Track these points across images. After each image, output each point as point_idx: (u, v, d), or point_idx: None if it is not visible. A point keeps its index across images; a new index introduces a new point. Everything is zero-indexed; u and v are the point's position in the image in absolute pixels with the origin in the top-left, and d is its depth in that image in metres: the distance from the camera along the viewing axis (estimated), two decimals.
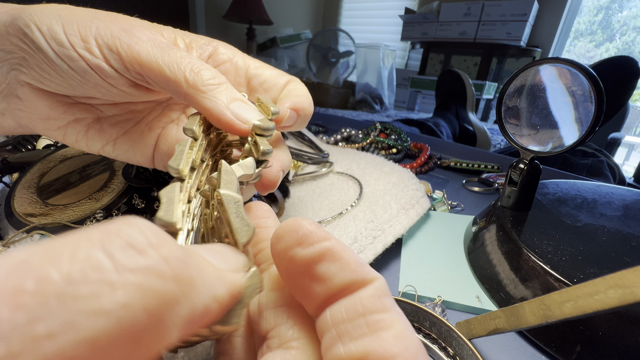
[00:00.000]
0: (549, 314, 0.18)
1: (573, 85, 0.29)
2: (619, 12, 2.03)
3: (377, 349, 0.09)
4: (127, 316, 0.06)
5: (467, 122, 1.07)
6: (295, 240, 0.10)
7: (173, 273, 0.07)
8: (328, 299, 0.10)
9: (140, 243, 0.06)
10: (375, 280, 0.10)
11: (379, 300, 0.10)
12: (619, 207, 0.34)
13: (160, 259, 0.07)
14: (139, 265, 0.06)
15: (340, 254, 0.10)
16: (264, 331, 0.11)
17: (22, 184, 0.29)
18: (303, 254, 0.10)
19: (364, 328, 0.09)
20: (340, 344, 0.09)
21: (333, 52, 2.06)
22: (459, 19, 1.65)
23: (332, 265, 0.10)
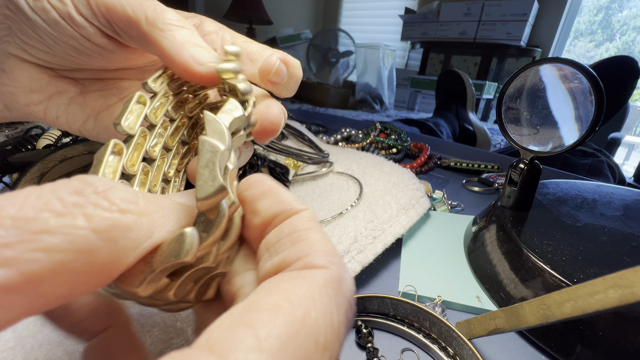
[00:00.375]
0: (549, 314, 0.18)
1: (573, 85, 0.29)
2: (619, 12, 2.03)
3: (292, 253, 0.10)
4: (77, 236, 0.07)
5: (467, 122, 1.07)
6: (246, 185, 0.12)
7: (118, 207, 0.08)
8: (263, 229, 0.11)
9: (85, 189, 0.08)
10: (304, 210, 0.11)
11: (304, 222, 0.11)
12: (619, 207, 0.34)
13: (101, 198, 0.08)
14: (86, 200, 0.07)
15: (276, 192, 0.12)
16: (231, 294, 0.12)
17: (22, 184, 0.29)
18: (248, 194, 0.12)
19: (287, 244, 0.10)
20: (268, 261, 0.10)
21: (333, 52, 2.06)
22: (459, 19, 1.65)
23: (267, 200, 0.11)
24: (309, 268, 0.09)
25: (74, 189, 0.08)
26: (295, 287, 0.08)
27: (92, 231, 0.07)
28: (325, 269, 0.09)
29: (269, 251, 0.11)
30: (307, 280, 0.09)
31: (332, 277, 0.09)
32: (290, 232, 0.10)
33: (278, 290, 0.08)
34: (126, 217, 0.08)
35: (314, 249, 0.10)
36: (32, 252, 0.06)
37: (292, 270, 0.09)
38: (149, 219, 0.09)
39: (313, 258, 0.09)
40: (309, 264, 0.09)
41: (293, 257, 0.10)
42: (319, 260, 0.09)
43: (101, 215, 0.07)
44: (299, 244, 0.10)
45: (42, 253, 0.07)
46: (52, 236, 0.07)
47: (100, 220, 0.07)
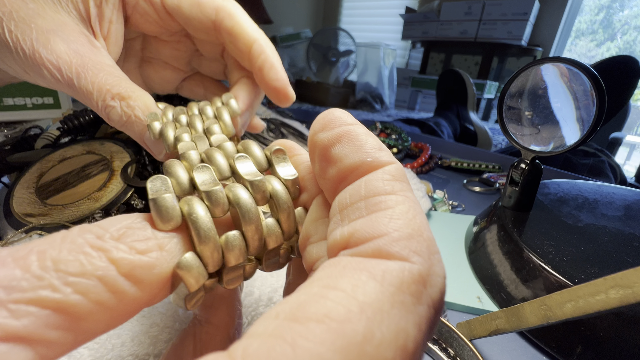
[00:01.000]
0: (550, 315, 0.18)
1: (574, 85, 0.29)
2: (620, 11, 2.03)
3: (364, 227, 0.08)
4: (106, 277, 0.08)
5: (468, 122, 1.07)
6: (321, 125, 0.10)
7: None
8: (339, 183, 0.10)
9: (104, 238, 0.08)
10: (389, 164, 0.09)
11: (385, 183, 0.09)
12: (620, 207, 0.33)
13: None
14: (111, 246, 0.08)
15: (357, 136, 0.09)
16: (310, 264, 0.10)
17: (21, 184, 0.29)
18: (323, 137, 0.10)
19: (362, 210, 0.08)
20: (339, 228, 0.09)
21: (333, 51, 2.06)
22: (459, 18, 1.65)
23: (345, 147, 0.09)
24: (383, 258, 0.07)
25: (96, 234, 0.08)
26: (359, 288, 0.06)
27: (120, 274, 0.08)
28: (406, 263, 0.07)
29: (340, 213, 0.09)
30: (376, 279, 0.07)
31: (414, 276, 0.07)
32: (366, 194, 0.09)
33: (336, 290, 0.06)
34: (147, 257, 0.08)
35: (393, 228, 0.08)
36: (75, 294, 0.07)
37: (360, 256, 0.07)
38: (167, 250, 0.09)
39: (390, 243, 0.07)
40: (383, 251, 0.07)
41: (365, 234, 0.08)
42: (398, 247, 0.07)
43: (124, 258, 0.08)
44: (375, 216, 0.08)
45: (82, 296, 0.07)
46: (88, 279, 0.07)
47: (124, 264, 0.08)
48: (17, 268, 0.07)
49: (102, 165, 0.30)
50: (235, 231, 0.10)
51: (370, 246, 0.07)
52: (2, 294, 0.06)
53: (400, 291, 0.06)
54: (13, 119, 0.47)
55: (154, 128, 0.18)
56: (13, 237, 0.25)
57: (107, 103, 0.18)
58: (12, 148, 0.36)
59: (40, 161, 0.31)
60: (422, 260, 0.07)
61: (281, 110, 0.90)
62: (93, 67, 0.18)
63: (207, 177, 0.11)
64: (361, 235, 0.08)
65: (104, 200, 0.27)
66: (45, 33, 0.17)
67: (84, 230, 0.08)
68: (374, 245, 0.07)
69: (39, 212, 0.27)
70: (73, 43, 0.18)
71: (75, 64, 0.17)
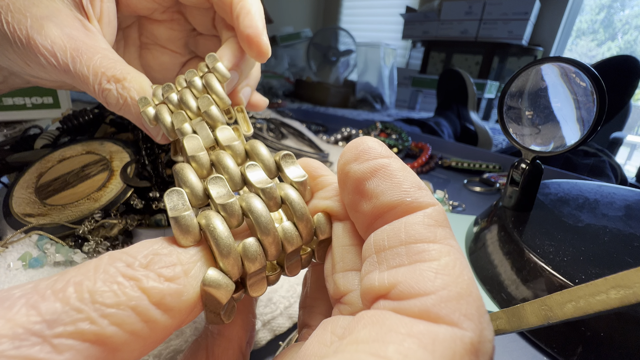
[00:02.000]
0: (551, 315, 0.18)
1: (575, 85, 0.29)
2: (621, 11, 2.02)
3: (408, 281, 0.07)
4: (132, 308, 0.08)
5: (469, 122, 1.07)
6: (354, 155, 0.10)
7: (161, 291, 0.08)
8: (374, 220, 0.09)
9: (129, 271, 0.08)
10: (429, 206, 0.09)
11: (427, 229, 0.08)
12: (621, 208, 0.33)
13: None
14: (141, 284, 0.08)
15: (394, 172, 0.09)
16: (337, 294, 0.10)
17: (20, 184, 0.29)
18: (356, 169, 0.09)
19: (403, 257, 0.08)
20: (376, 272, 0.08)
21: (333, 50, 2.05)
22: (460, 18, 1.65)
23: (382, 183, 0.09)
24: (431, 320, 0.07)
25: (126, 263, 0.08)
26: (404, 355, 0.06)
27: (152, 303, 0.08)
28: (456, 329, 0.06)
29: (377, 255, 0.09)
30: (427, 349, 0.06)
31: (466, 346, 0.06)
32: (407, 239, 0.08)
33: (376, 357, 0.06)
34: (175, 284, 0.08)
35: (441, 285, 0.07)
36: (111, 326, 0.07)
37: (405, 314, 0.07)
38: (192, 276, 0.09)
39: (438, 304, 0.07)
40: (432, 313, 0.07)
41: (409, 289, 0.07)
42: (447, 310, 0.07)
43: (154, 287, 0.08)
44: (419, 268, 0.07)
45: (118, 327, 0.07)
46: (123, 310, 0.07)
47: (155, 292, 0.08)
48: (57, 301, 0.07)
49: (102, 165, 0.30)
50: (252, 238, 0.10)
51: (416, 305, 0.07)
52: (45, 329, 0.07)
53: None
54: (12, 118, 0.47)
55: (148, 114, 0.18)
56: (12, 237, 0.25)
57: (103, 86, 0.18)
58: (12, 148, 0.36)
59: (40, 161, 0.31)
60: (474, 325, 0.06)
61: (281, 110, 0.90)
62: (87, 50, 0.18)
63: (221, 189, 0.11)
64: (405, 289, 0.07)
65: (104, 200, 0.27)
66: (39, 20, 0.17)
67: (114, 259, 0.08)
68: (421, 304, 0.07)
69: (38, 212, 0.27)
70: (67, 28, 0.18)
71: (70, 48, 0.17)
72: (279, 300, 0.24)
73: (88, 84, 0.18)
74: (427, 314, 0.07)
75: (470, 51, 1.86)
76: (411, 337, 0.06)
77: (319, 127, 0.81)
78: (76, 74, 0.18)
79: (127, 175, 0.29)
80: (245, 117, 0.22)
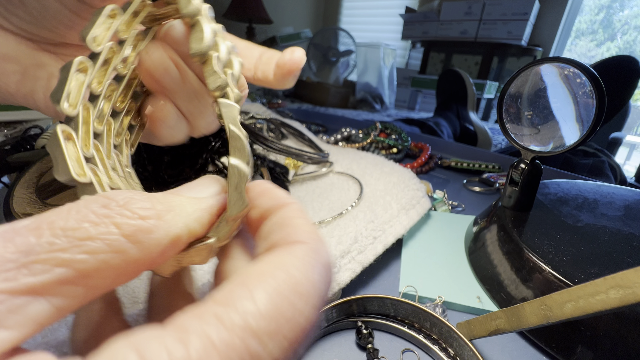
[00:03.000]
0: (550, 315, 0.18)
1: (574, 85, 0.29)
2: (620, 11, 2.03)
3: (280, 236, 0.11)
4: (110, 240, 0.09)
5: (468, 122, 1.07)
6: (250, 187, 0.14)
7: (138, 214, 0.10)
8: (261, 222, 0.13)
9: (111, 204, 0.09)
10: (292, 203, 0.12)
11: (291, 212, 0.12)
12: (620, 207, 0.33)
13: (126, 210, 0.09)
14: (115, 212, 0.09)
15: (271, 191, 0.13)
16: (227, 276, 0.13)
17: (21, 184, 0.29)
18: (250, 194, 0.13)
19: (276, 229, 0.11)
20: (262, 246, 0.12)
21: (333, 51, 2.05)
22: (459, 18, 1.65)
23: (264, 198, 0.13)
24: (293, 244, 0.10)
25: (102, 204, 0.09)
26: (281, 257, 0.10)
27: (123, 236, 0.09)
28: (306, 244, 0.10)
29: (262, 238, 0.12)
30: (290, 252, 0.10)
31: (311, 249, 0.10)
32: (278, 220, 0.12)
33: (267, 262, 0.10)
34: (146, 222, 0.10)
35: (298, 230, 0.11)
36: (82, 254, 0.08)
37: (279, 247, 0.11)
38: (164, 221, 0.10)
39: (296, 236, 0.11)
40: (293, 240, 0.11)
41: (280, 238, 0.11)
42: (301, 237, 0.11)
43: (127, 222, 0.09)
44: (286, 228, 0.11)
45: (88, 255, 0.08)
46: (93, 242, 0.09)
47: (127, 227, 0.09)
48: (31, 236, 0.08)
49: None
50: None
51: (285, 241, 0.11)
52: (22, 257, 0.08)
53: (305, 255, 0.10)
54: (13, 118, 0.47)
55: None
56: None
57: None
58: (12, 148, 0.36)
59: (41, 161, 0.31)
60: (315, 242, 0.11)
61: (281, 110, 0.90)
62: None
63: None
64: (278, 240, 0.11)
65: None
66: None
67: (89, 201, 0.09)
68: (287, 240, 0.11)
69: (39, 212, 0.27)
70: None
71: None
72: None
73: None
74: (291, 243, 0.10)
75: (470, 51, 1.86)
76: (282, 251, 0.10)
77: (318, 127, 0.81)
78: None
79: None
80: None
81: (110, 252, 0.09)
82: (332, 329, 0.25)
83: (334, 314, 0.24)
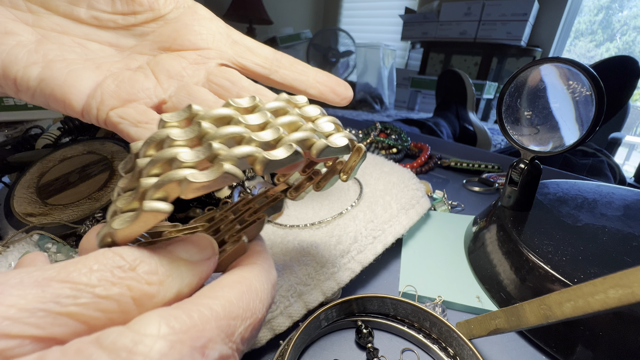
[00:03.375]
0: (549, 314, 0.18)
1: (573, 85, 0.29)
2: (620, 12, 2.03)
3: (245, 258, 0.16)
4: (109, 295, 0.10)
5: (468, 122, 1.07)
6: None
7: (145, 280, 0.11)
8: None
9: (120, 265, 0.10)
10: (259, 241, 0.18)
11: (256, 245, 0.17)
12: (620, 207, 0.34)
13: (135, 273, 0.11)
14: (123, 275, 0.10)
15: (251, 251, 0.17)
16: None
17: (22, 183, 0.29)
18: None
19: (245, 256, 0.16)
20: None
21: (333, 51, 2.06)
22: (459, 19, 1.65)
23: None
24: (253, 264, 0.15)
25: (118, 264, 0.10)
26: (244, 272, 0.14)
27: (132, 298, 0.10)
28: (261, 265, 0.15)
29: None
30: (251, 269, 0.14)
31: (265, 269, 0.14)
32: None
33: (234, 274, 0.13)
34: (151, 288, 0.11)
35: (257, 254, 0.15)
36: (97, 312, 0.09)
37: (244, 265, 0.15)
38: (164, 286, 0.11)
39: (255, 259, 0.15)
40: (252, 262, 0.15)
41: (244, 260, 0.15)
42: (257, 259, 0.15)
43: (137, 286, 0.10)
44: (250, 251, 0.16)
45: (102, 314, 0.09)
46: (108, 301, 0.10)
47: (137, 290, 0.10)
48: (65, 288, 0.09)
49: (103, 165, 0.30)
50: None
51: (248, 262, 0.15)
52: (53, 306, 0.09)
53: (260, 272, 0.14)
54: (14, 118, 0.47)
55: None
56: (14, 236, 0.25)
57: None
58: (13, 148, 0.36)
59: (41, 161, 0.31)
60: (267, 264, 0.16)
61: None
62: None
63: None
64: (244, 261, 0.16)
65: (105, 200, 0.27)
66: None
67: (105, 257, 0.10)
68: (250, 261, 0.15)
69: (39, 212, 0.27)
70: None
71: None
72: (279, 299, 0.24)
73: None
74: (251, 264, 0.15)
75: (469, 52, 1.86)
76: (245, 268, 0.14)
77: None
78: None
79: None
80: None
81: (118, 312, 0.10)
82: (332, 329, 0.25)
83: (334, 313, 0.24)
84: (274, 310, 0.23)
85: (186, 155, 0.12)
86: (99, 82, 0.18)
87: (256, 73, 0.22)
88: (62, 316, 0.09)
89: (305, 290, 0.25)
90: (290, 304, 0.24)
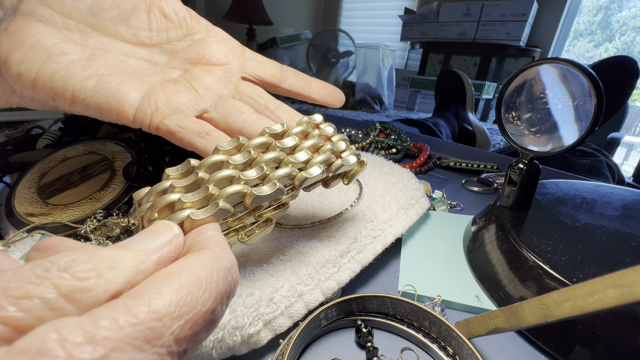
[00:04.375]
0: (548, 314, 0.18)
1: (572, 85, 0.29)
2: (618, 12, 2.03)
3: (194, 243, 0.14)
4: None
5: (467, 122, 1.07)
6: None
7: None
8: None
9: (84, 268, 0.10)
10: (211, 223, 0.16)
11: (207, 227, 0.16)
12: (618, 207, 0.34)
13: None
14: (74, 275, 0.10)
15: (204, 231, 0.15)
16: None
17: (23, 183, 0.29)
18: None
19: (193, 240, 0.15)
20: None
21: (333, 52, 2.06)
22: (458, 19, 1.66)
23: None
24: (201, 250, 0.13)
25: (44, 267, 0.10)
26: (189, 260, 0.12)
27: (60, 295, 0.10)
28: (211, 250, 0.13)
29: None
30: (198, 256, 0.12)
31: (215, 254, 0.13)
32: (195, 234, 0.15)
33: (178, 263, 0.12)
34: (85, 283, 0.10)
35: (207, 239, 0.14)
36: (19, 312, 0.09)
37: (190, 252, 0.13)
38: (104, 279, 0.11)
39: (205, 245, 0.13)
40: (202, 247, 0.13)
41: (194, 245, 0.14)
42: (208, 245, 0.13)
43: (64, 283, 0.10)
44: (198, 237, 0.14)
45: (24, 313, 0.09)
46: (31, 300, 0.09)
47: (64, 287, 0.10)
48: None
49: (104, 165, 0.30)
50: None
51: (196, 248, 0.14)
52: None
53: (209, 259, 0.13)
54: (15, 119, 0.47)
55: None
56: (15, 236, 0.25)
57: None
58: (14, 148, 0.36)
59: (42, 161, 0.31)
60: (220, 249, 0.14)
61: None
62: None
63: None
64: (192, 246, 0.14)
65: (106, 200, 0.27)
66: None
67: (34, 265, 0.10)
68: (198, 247, 0.14)
69: (40, 212, 0.27)
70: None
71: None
72: (280, 300, 0.24)
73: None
74: (200, 249, 0.13)
75: (469, 52, 1.86)
76: (192, 255, 0.13)
77: None
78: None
79: (129, 174, 0.29)
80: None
81: (46, 310, 0.09)
82: (332, 328, 0.25)
83: (334, 312, 0.24)
84: (275, 310, 0.24)
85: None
86: (145, 92, 0.21)
87: (269, 83, 0.27)
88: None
89: (306, 290, 0.25)
90: (291, 304, 0.24)
